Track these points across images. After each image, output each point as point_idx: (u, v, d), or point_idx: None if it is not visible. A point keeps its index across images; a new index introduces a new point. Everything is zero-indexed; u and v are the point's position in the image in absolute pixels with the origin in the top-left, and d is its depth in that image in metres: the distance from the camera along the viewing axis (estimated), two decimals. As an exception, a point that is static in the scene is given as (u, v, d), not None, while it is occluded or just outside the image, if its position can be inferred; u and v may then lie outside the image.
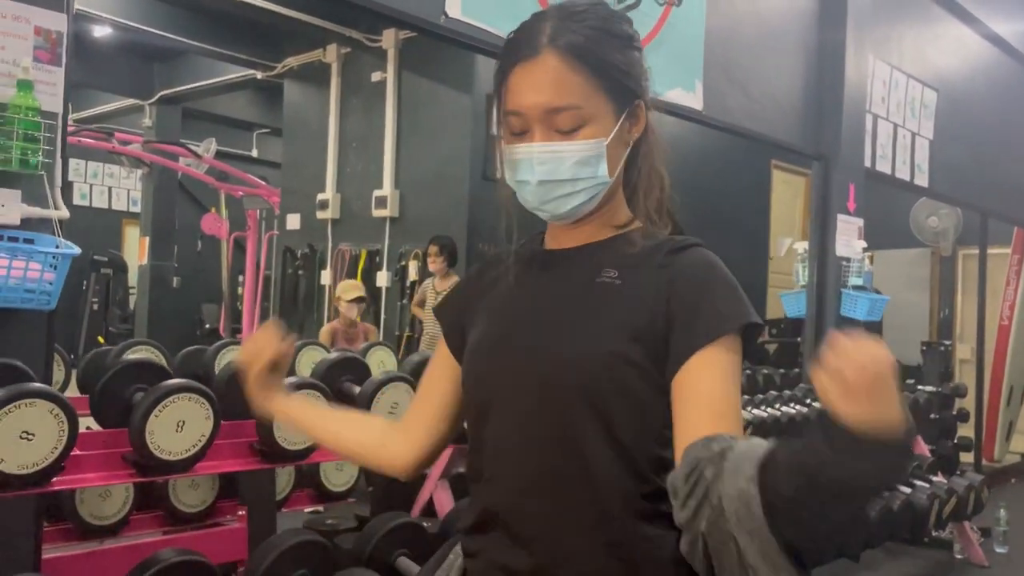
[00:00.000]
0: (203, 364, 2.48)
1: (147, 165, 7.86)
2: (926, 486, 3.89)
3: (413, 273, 6.14)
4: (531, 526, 0.97)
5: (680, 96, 3.73)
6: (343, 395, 2.06)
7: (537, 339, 1.00)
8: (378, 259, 6.47)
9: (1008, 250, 7.18)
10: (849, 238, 4.58)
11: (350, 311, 5.16)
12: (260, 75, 7.61)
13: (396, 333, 6.20)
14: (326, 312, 6.88)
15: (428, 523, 2.28)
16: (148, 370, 1.89)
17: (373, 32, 6.50)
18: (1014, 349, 7.00)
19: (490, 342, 1.05)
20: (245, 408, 2.00)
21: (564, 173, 1.00)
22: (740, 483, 0.80)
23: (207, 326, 9.67)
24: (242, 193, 7.55)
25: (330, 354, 2.40)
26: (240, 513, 2.70)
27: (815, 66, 4.53)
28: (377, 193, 6.41)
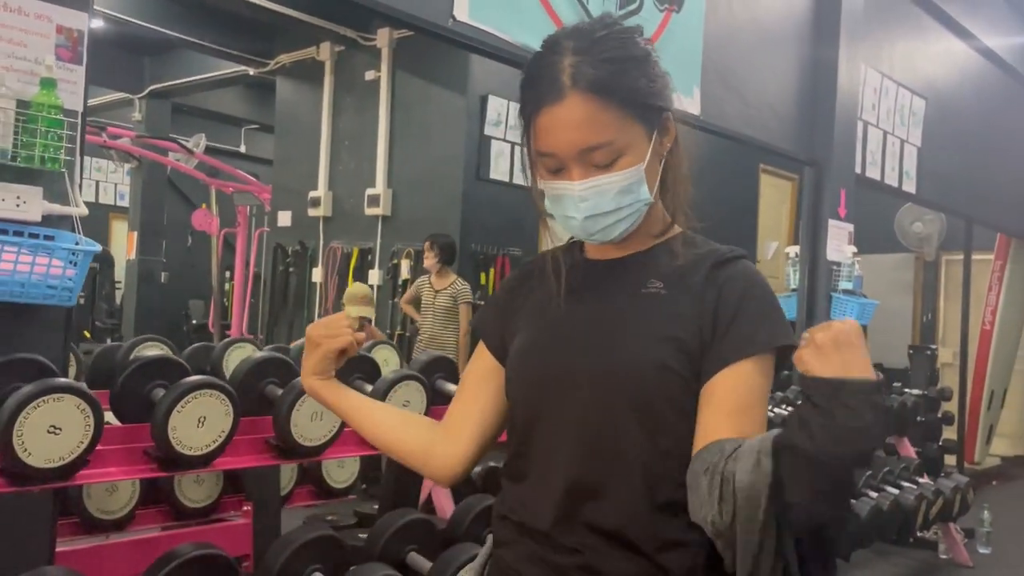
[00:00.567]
0: (211, 361, 2.50)
1: (136, 160, 7.82)
2: (913, 487, 3.97)
3: (405, 272, 6.16)
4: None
5: (679, 101, 3.77)
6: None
7: (586, 349, 1.03)
8: (370, 257, 6.49)
9: (991, 256, 7.31)
10: (840, 243, 4.66)
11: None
12: (252, 71, 7.60)
13: (388, 331, 6.22)
14: (316, 310, 6.89)
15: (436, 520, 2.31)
16: (167, 367, 1.92)
17: (367, 31, 6.51)
18: (995, 353, 7.12)
19: (538, 350, 1.08)
20: (260, 405, 2.04)
21: (608, 205, 1.02)
22: (745, 475, 0.87)
23: (194, 322, 9.64)
24: (233, 189, 7.54)
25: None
26: (245, 509, 2.72)
27: (809, 73, 4.60)
28: (370, 191, 6.43)
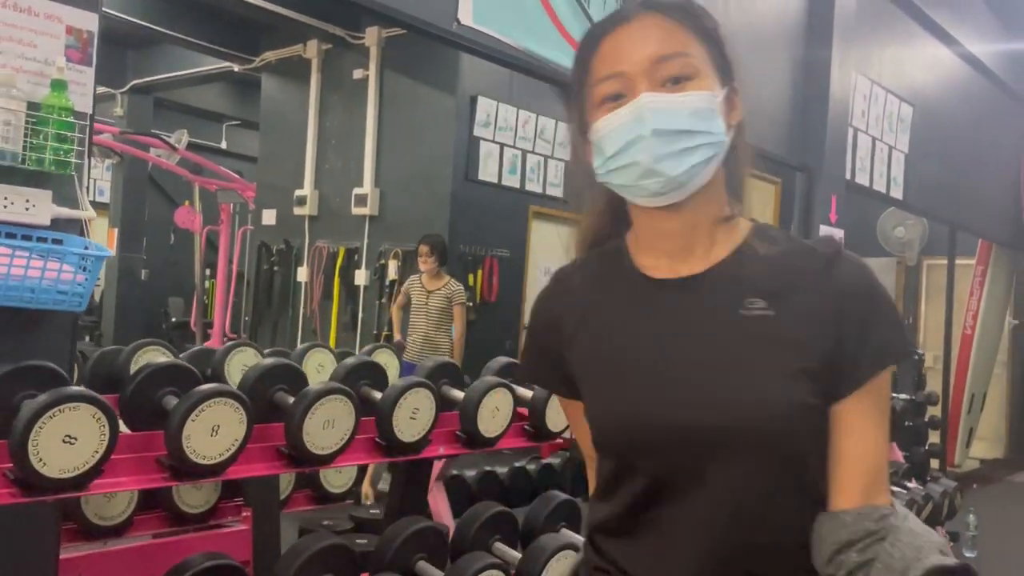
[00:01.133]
0: (213, 365, 2.47)
1: (118, 155, 7.72)
2: (903, 492, 4.01)
3: (393, 272, 6.13)
4: None
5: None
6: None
7: (699, 398, 0.87)
8: (357, 257, 6.45)
9: (972, 261, 7.41)
10: (829, 248, 4.69)
11: None
12: (237, 68, 7.52)
13: (375, 332, 6.19)
14: (301, 310, 6.84)
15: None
16: (178, 373, 1.89)
17: (355, 29, 6.47)
18: (976, 357, 7.23)
19: (630, 402, 0.91)
20: (269, 412, 2.01)
21: (682, 122, 0.87)
22: None
23: (173, 319, 9.54)
24: (217, 187, 7.46)
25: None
26: (244, 515, 2.69)
27: (802, 79, 4.63)
28: (357, 191, 6.39)
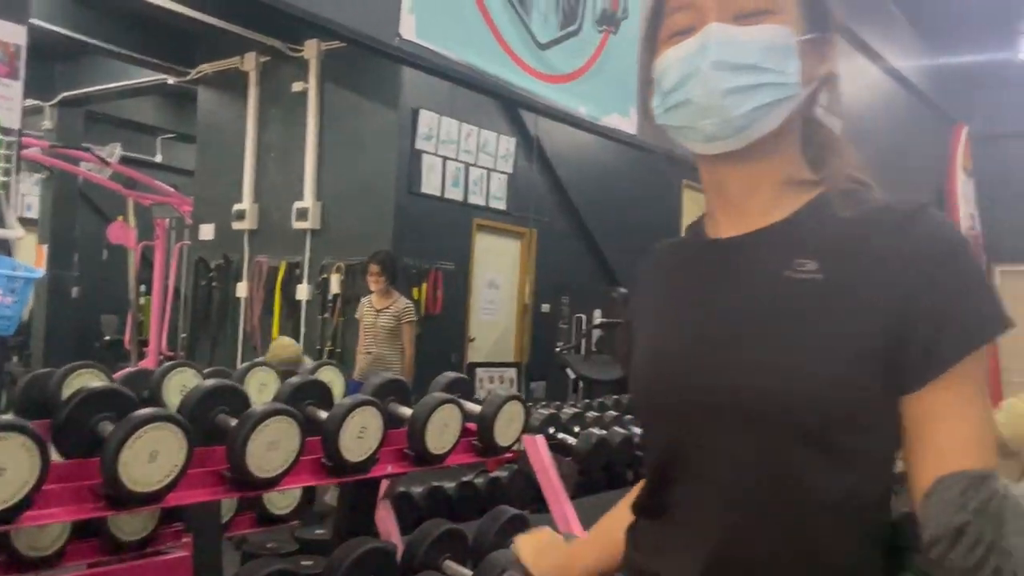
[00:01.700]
0: (150, 387, 2.40)
1: (47, 170, 7.48)
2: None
3: (336, 287, 6.06)
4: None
5: (616, 121, 3.85)
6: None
7: (726, 362, 0.78)
8: (298, 272, 6.36)
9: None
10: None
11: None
12: (172, 80, 7.38)
13: (317, 347, 6.10)
14: (241, 326, 6.71)
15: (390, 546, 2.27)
16: (114, 398, 1.83)
17: (294, 41, 6.40)
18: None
19: (663, 361, 0.84)
20: (210, 435, 1.96)
21: (748, 56, 0.77)
22: None
23: (106, 338, 9.27)
24: (152, 202, 7.28)
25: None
26: (184, 540, 2.61)
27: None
28: (298, 205, 6.31)
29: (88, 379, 2.25)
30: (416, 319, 5.15)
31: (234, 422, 1.86)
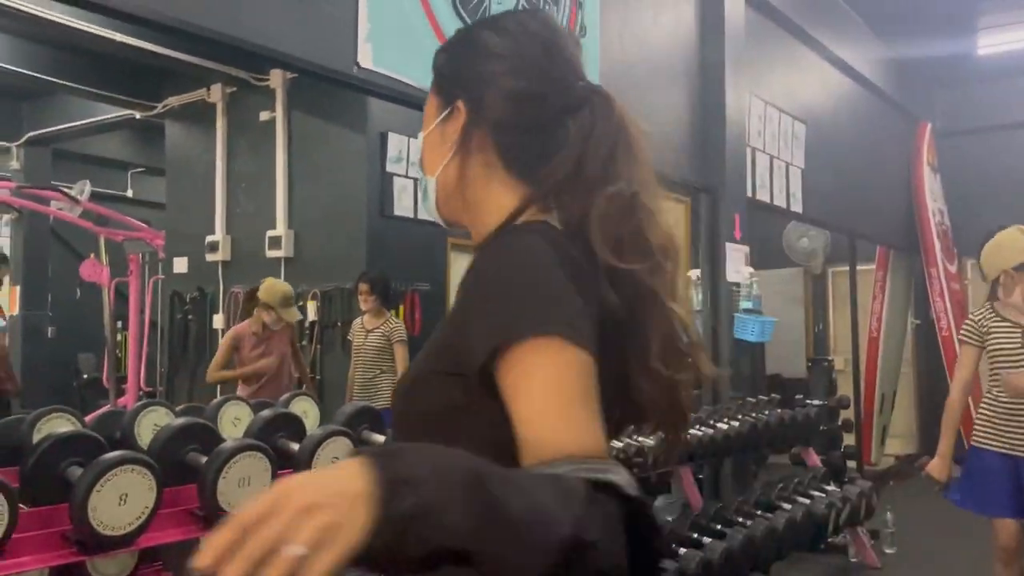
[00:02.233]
0: (123, 428, 2.40)
1: (16, 211, 7.43)
2: (822, 496, 4.14)
3: (312, 313, 6.05)
4: None
5: (579, 136, 3.88)
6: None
7: None
8: (274, 301, 6.33)
9: (873, 267, 7.75)
10: (737, 264, 4.86)
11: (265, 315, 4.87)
12: (139, 115, 7.36)
13: (296, 376, 6.08)
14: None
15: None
16: (82, 442, 1.83)
17: (260, 71, 6.41)
18: (883, 359, 7.54)
19: None
20: (181, 474, 1.96)
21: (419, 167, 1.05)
22: None
23: (84, 376, 9.18)
24: (124, 237, 7.24)
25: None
26: (164, 579, 2.60)
27: (699, 104, 4.80)
28: (271, 233, 6.30)
29: (58, 424, 2.25)
30: (406, 339, 5.13)
31: (204, 459, 1.86)
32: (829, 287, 8.47)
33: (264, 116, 6.45)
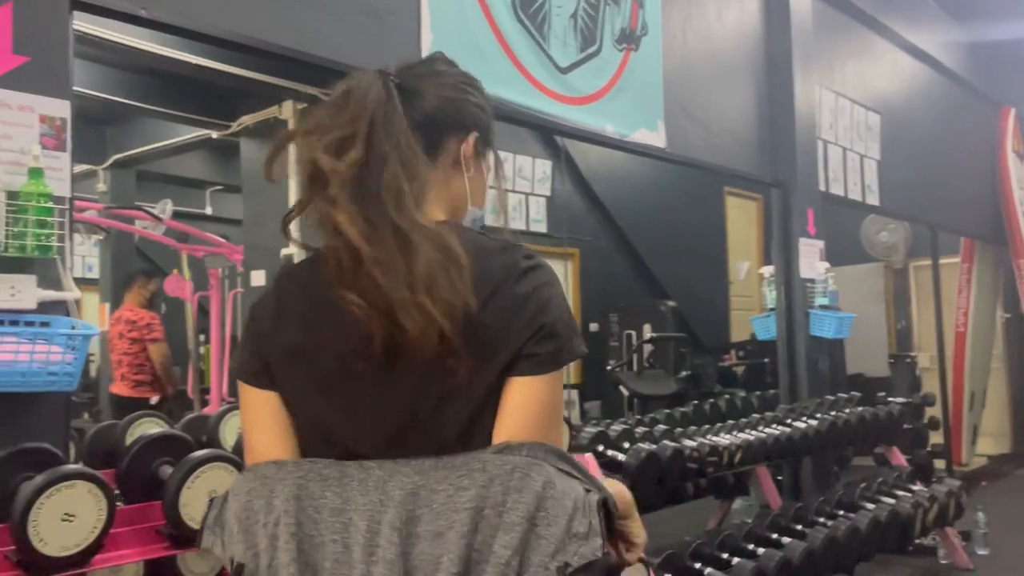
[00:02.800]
0: (208, 431, 2.49)
1: (104, 231, 7.77)
2: (908, 495, 4.02)
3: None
4: None
5: (644, 136, 3.87)
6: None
7: None
8: (348, 310, 6.46)
9: (957, 259, 7.48)
10: (811, 260, 4.76)
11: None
12: (215, 134, 7.61)
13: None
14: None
15: None
16: (172, 443, 1.91)
17: (327, 86, 6.55)
18: (971, 355, 7.26)
19: None
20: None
21: None
22: None
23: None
24: (204, 253, 7.51)
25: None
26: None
27: (767, 99, 4.73)
28: (343, 244, 6.43)
29: (148, 428, 2.35)
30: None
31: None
32: (911, 282, 8.20)
33: (334, 130, 6.60)
